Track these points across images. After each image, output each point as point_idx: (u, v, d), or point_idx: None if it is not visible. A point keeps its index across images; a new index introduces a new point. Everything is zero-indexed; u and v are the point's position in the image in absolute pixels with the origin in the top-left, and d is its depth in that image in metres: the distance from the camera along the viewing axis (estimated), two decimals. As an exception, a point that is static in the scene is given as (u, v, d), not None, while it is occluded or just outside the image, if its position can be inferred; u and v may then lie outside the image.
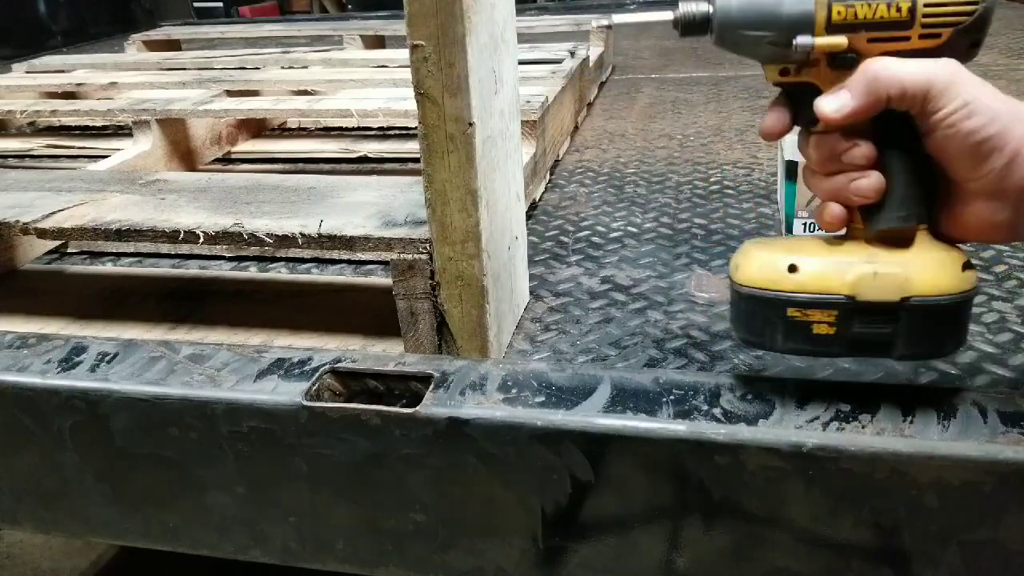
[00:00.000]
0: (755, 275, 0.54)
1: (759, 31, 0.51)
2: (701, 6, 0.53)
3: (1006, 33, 2.07)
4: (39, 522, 0.72)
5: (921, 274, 0.51)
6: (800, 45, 0.50)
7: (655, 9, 2.99)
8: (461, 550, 0.62)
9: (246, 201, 0.77)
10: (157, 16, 2.98)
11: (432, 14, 0.57)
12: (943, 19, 0.49)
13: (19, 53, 2.21)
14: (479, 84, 0.61)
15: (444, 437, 0.58)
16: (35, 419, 0.65)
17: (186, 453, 0.63)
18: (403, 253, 0.66)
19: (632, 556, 0.58)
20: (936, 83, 0.48)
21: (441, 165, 0.62)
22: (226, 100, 1.24)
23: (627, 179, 1.17)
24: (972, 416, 0.53)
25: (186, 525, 0.67)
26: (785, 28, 0.50)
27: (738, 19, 0.51)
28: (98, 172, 0.98)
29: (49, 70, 1.63)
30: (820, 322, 0.53)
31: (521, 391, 0.59)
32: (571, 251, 0.94)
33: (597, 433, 0.55)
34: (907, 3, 0.49)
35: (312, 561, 0.66)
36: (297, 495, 0.63)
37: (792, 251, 0.54)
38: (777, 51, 0.51)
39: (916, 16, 0.49)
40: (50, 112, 1.25)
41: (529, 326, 0.77)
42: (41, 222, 0.74)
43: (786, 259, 0.53)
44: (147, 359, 0.66)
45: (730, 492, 0.54)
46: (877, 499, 0.52)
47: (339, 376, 0.63)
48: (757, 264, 0.55)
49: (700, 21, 0.53)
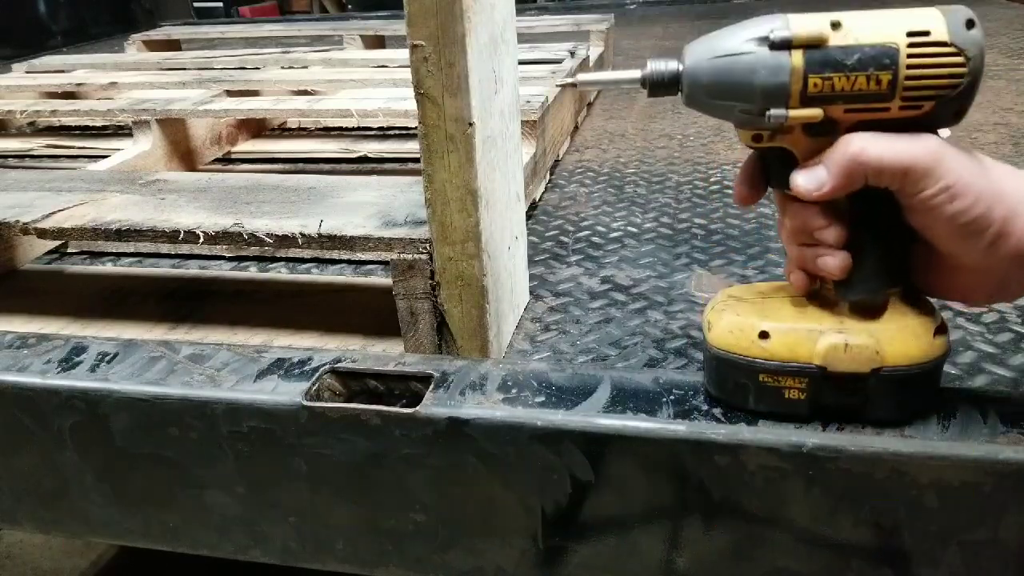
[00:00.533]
0: (727, 339, 0.54)
1: (730, 101, 0.48)
2: (671, 64, 0.49)
3: (1006, 33, 2.07)
4: (39, 522, 0.72)
5: (892, 344, 0.51)
6: (774, 117, 0.47)
7: (654, 10, 2.99)
8: (461, 550, 0.62)
9: (246, 201, 0.77)
10: (157, 16, 2.99)
11: (432, 14, 0.57)
12: (926, 92, 0.46)
13: (19, 53, 2.21)
14: (479, 84, 0.61)
15: (444, 437, 0.58)
16: (35, 419, 0.65)
17: (186, 453, 0.63)
18: (403, 253, 0.66)
19: (632, 556, 0.58)
20: (917, 165, 0.45)
21: (441, 165, 0.62)
22: (226, 100, 1.24)
23: (627, 179, 1.17)
24: (972, 416, 0.53)
25: (186, 525, 0.67)
26: (758, 99, 0.47)
27: (708, 85, 0.48)
28: (98, 172, 0.98)
29: (49, 70, 1.63)
30: (792, 388, 0.53)
31: (521, 391, 0.59)
32: (571, 251, 0.94)
33: (597, 433, 0.55)
34: (887, 76, 0.46)
35: (312, 561, 0.66)
36: (297, 495, 0.63)
37: (764, 315, 0.54)
38: (750, 119, 0.49)
39: (897, 89, 0.46)
40: (50, 112, 1.25)
41: (529, 326, 0.77)
42: (41, 222, 0.74)
43: (757, 324, 0.53)
44: (147, 359, 0.66)
45: (730, 492, 0.54)
46: (877, 499, 0.52)
47: (339, 376, 0.63)
48: (728, 327, 0.54)
49: (669, 82, 0.50)
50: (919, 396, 0.53)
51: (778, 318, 0.53)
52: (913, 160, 0.46)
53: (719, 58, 0.48)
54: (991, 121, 1.32)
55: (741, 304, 0.55)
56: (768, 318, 0.53)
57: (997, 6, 2.51)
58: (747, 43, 0.47)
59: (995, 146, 1.20)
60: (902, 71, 0.46)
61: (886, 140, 0.46)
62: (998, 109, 1.39)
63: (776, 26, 0.47)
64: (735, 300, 0.56)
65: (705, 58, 0.48)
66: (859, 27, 0.46)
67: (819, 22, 0.47)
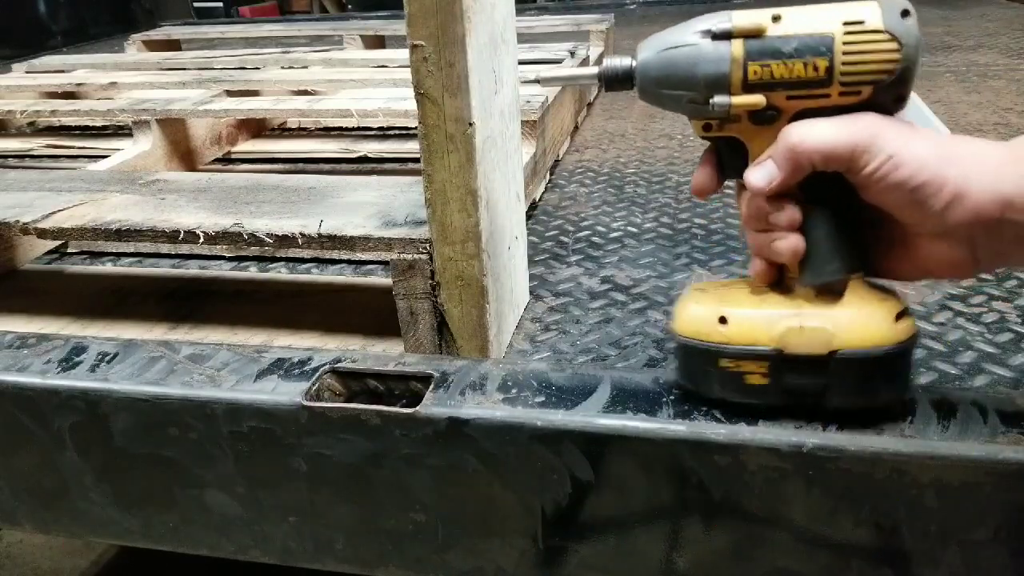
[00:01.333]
0: (688, 326, 0.55)
1: (678, 90, 0.51)
2: (624, 60, 0.53)
3: (1006, 33, 2.07)
4: (39, 522, 0.72)
5: (848, 327, 0.51)
6: (718, 104, 0.50)
7: (654, 10, 2.99)
8: (461, 550, 0.62)
9: (246, 201, 0.77)
10: (157, 16, 2.99)
11: (432, 14, 0.57)
12: (862, 77, 0.48)
13: (19, 53, 2.21)
14: (479, 84, 0.61)
15: (444, 437, 0.58)
16: (35, 419, 0.65)
17: (186, 453, 0.63)
18: (403, 253, 0.66)
19: (632, 556, 0.58)
20: (858, 143, 0.47)
21: (441, 165, 0.62)
22: (226, 100, 1.24)
23: (627, 179, 1.17)
24: (972, 416, 0.53)
25: (186, 525, 0.67)
26: (702, 87, 0.50)
27: (657, 77, 0.51)
28: (98, 172, 0.98)
29: (49, 70, 1.63)
30: (752, 373, 0.53)
31: (521, 391, 0.59)
32: (571, 251, 0.94)
33: (597, 433, 0.55)
34: (824, 62, 0.48)
35: (312, 561, 0.66)
36: (297, 495, 0.63)
37: (724, 301, 0.55)
38: (698, 108, 0.51)
39: (834, 75, 0.48)
40: (50, 112, 1.25)
41: (529, 326, 0.77)
42: (41, 222, 0.74)
43: (717, 310, 0.54)
44: (147, 359, 0.66)
45: (730, 492, 0.54)
46: (877, 499, 0.52)
47: (339, 376, 0.63)
48: (690, 315, 0.55)
49: (623, 76, 0.53)
50: (885, 383, 0.53)
51: (738, 305, 0.54)
52: (851, 139, 0.47)
53: (667, 51, 0.51)
54: (991, 121, 1.32)
55: (704, 294, 0.57)
56: (728, 305, 0.54)
57: (997, 6, 2.51)
58: (692, 35, 0.50)
59: (995, 146, 1.20)
60: (838, 57, 0.48)
61: (824, 125, 0.48)
62: (998, 109, 1.39)
63: (719, 20, 0.50)
64: (699, 292, 0.57)
65: (654, 52, 0.52)
66: (798, 19, 0.49)
67: (760, 15, 0.50)
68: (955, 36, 2.08)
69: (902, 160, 0.47)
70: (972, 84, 1.58)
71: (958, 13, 2.44)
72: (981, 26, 2.20)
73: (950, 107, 1.42)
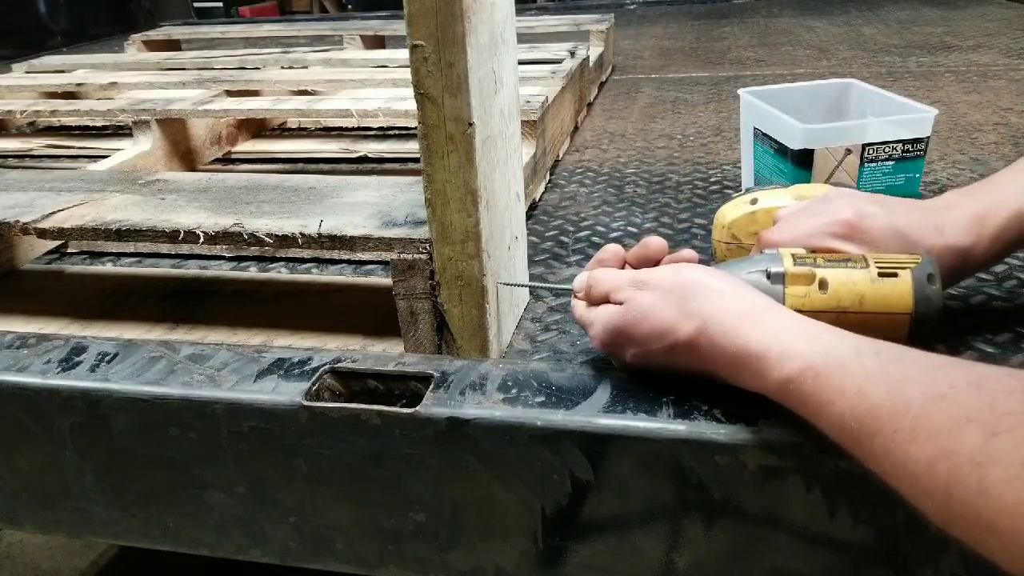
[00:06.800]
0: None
1: None
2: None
3: (1006, 33, 2.07)
4: (39, 522, 0.72)
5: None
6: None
7: (654, 10, 2.99)
8: (461, 550, 0.62)
9: (246, 201, 0.77)
10: (157, 16, 2.99)
11: (432, 14, 0.57)
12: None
13: (19, 53, 2.20)
14: (479, 84, 0.61)
15: (444, 437, 0.58)
16: (35, 419, 0.65)
17: (186, 453, 0.63)
18: (403, 253, 0.66)
19: (632, 556, 0.58)
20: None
21: (441, 165, 0.62)
22: (226, 100, 1.24)
23: (627, 179, 1.17)
24: (972, 416, 0.53)
25: (186, 525, 0.67)
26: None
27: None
28: (98, 172, 0.98)
29: (49, 70, 1.63)
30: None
31: (521, 391, 0.59)
32: (571, 251, 0.94)
33: (597, 433, 0.55)
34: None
35: (312, 561, 0.66)
36: (297, 495, 0.63)
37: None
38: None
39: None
40: (50, 112, 1.25)
41: (529, 326, 0.77)
42: (41, 222, 0.74)
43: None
44: (147, 359, 0.66)
45: (730, 492, 0.54)
46: (877, 499, 0.52)
47: (339, 376, 0.63)
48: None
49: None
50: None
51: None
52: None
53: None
54: (991, 121, 1.32)
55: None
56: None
57: (997, 6, 2.51)
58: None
59: (995, 146, 1.20)
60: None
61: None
62: (998, 109, 1.39)
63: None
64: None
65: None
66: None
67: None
68: (955, 36, 2.08)
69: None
70: (972, 84, 1.58)
71: (958, 13, 2.44)
72: (981, 26, 2.20)
73: (950, 107, 1.42)
